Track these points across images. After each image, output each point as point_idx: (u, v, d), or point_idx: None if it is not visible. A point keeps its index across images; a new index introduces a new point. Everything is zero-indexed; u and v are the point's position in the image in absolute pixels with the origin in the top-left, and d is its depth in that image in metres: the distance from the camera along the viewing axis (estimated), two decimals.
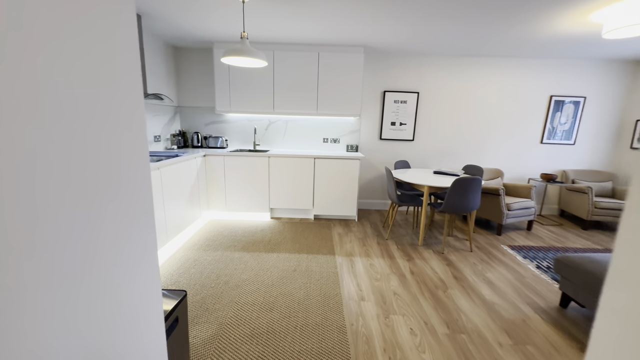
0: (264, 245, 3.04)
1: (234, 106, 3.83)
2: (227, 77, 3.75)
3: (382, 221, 3.95)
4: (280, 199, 3.79)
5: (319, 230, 3.50)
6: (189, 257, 2.75)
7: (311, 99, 3.79)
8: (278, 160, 3.67)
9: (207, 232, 3.35)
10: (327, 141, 4.22)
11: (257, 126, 4.19)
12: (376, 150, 4.30)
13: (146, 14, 2.79)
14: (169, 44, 3.78)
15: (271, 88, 3.77)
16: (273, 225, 3.62)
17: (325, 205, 3.82)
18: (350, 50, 3.67)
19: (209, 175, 3.71)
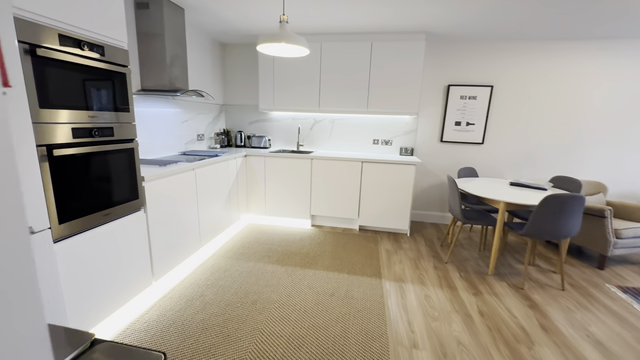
0: (301, 259, 2.71)
1: (277, 104, 3.59)
2: (272, 73, 3.51)
3: (439, 238, 3.35)
4: (323, 205, 3.44)
5: (363, 245, 3.07)
6: (220, 265, 2.55)
7: (361, 95, 3.37)
8: (322, 162, 3.33)
9: (243, 238, 3.15)
10: (377, 143, 3.75)
11: (302, 125, 3.90)
12: (435, 154, 3.70)
13: (190, 7, 2.66)
14: (215, 41, 3.69)
15: (317, 84, 3.44)
16: (313, 235, 3.29)
17: (373, 215, 3.36)
18: (409, 37, 3.15)
19: (249, 176, 3.52)
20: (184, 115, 3.21)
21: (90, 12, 1.53)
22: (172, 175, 2.23)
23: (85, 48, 1.50)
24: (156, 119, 2.80)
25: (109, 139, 1.68)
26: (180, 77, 2.70)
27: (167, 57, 2.51)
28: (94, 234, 1.62)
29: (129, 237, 1.86)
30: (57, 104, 1.39)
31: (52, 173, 1.38)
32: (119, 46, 1.72)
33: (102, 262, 1.68)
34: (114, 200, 1.73)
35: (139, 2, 2.45)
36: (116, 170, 1.74)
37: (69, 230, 1.48)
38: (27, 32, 1.25)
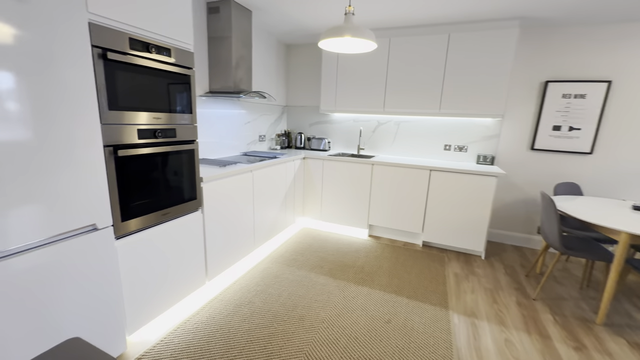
0: (355, 273, 2.49)
1: (339, 105, 3.42)
2: (335, 72, 3.36)
3: (524, 266, 2.78)
4: (382, 215, 3.15)
5: (427, 264, 2.70)
6: (271, 271, 2.48)
7: (433, 95, 2.99)
8: (383, 168, 3.05)
9: (297, 243, 3.06)
10: (449, 149, 3.30)
11: (364, 128, 3.67)
12: (523, 164, 3.09)
13: (258, 8, 2.66)
14: (281, 42, 3.69)
15: (383, 83, 3.17)
16: (369, 246, 3.03)
17: (440, 231, 2.95)
18: (497, 25, 2.67)
19: (307, 179, 3.43)
20: (248, 117, 3.26)
21: (159, 15, 1.56)
22: (230, 177, 2.22)
23: (153, 51, 1.53)
24: (222, 120, 2.88)
25: (171, 140, 1.71)
26: (244, 79, 2.73)
27: (233, 59, 2.54)
28: (153, 232, 1.66)
29: (186, 237, 1.89)
30: (124, 105, 1.43)
31: (117, 172, 1.43)
32: (185, 48, 1.74)
33: (159, 260, 1.72)
34: (173, 200, 1.76)
35: (210, 7, 2.53)
36: (176, 171, 1.77)
37: (129, 228, 1.53)
38: (101, 37, 1.30)
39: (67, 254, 1.25)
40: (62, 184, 1.21)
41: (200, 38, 2.52)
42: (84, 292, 1.34)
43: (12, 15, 1.01)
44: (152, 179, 1.62)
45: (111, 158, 1.40)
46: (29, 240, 1.13)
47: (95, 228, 1.35)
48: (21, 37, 1.03)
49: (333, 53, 3.32)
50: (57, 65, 1.14)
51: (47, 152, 1.15)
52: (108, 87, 1.35)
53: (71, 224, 1.26)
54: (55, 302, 1.23)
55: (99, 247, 1.37)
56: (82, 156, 1.27)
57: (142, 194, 1.57)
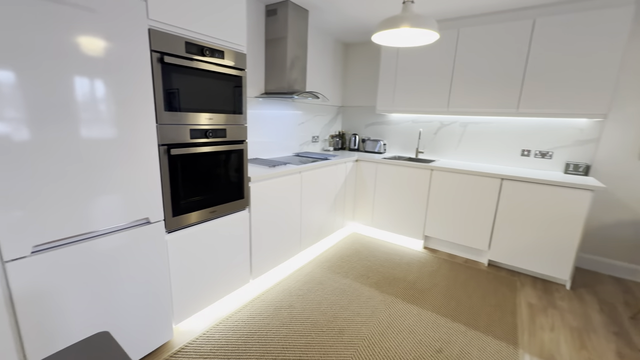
0: (405, 288, 2.27)
1: (397, 104, 3.19)
2: (394, 70, 3.14)
3: (628, 304, 2.20)
4: (441, 226, 2.84)
5: (493, 288, 2.32)
6: (316, 276, 2.41)
7: (510, 92, 2.57)
8: (444, 174, 2.74)
9: (345, 248, 2.94)
10: (527, 154, 2.82)
11: (424, 129, 3.36)
12: (632, 177, 2.46)
13: (315, 7, 2.62)
14: (338, 41, 3.61)
15: (448, 80, 2.85)
16: (424, 260, 2.75)
17: (511, 249, 2.53)
18: (603, 3, 2.16)
19: (359, 182, 3.28)
20: (302, 117, 3.26)
21: (214, 19, 1.60)
22: (278, 177, 2.22)
23: (207, 53, 1.57)
24: (276, 121, 2.92)
25: (221, 140, 1.76)
26: (299, 79, 2.72)
27: (287, 59, 2.54)
28: (201, 228, 1.72)
29: (232, 235, 1.93)
30: (179, 107, 1.50)
31: (170, 170, 1.51)
32: (238, 50, 1.77)
33: (206, 255, 1.78)
34: (221, 198, 1.81)
35: (269, 10, 2.57)
36: (225, 170, 1.81)
37: (180, 224, 1.60)
38: (159, 42, 1.37)
39: (125, 243, 1.35)
40: (121, 180, 1.31)
41: (258, 41, 2.58)
42: (138, 280, 1.43)
43: (88, 25, 1.11)
44: (201, 177, 1.68)
45: (165, 156, 1.47)
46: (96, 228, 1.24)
47: (148, 221, 1.44)
48: (98, 46, 1.13)
49: (393, 49, 3.11)
50: (123, 70, 1.23)
51: (111, 150, 1.25)
52: (165, 89, 1.42)
53: (128, 217, 1.35)
54: (113, 285, 1.34)
55: (151, 239, 1.46)
56: (140, 154, 1.36)
57: (192, 192, 1.64)
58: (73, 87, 1.11)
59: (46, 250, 1.12)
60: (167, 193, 1.51)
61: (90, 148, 1.19)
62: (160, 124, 1.43)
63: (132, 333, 1.45)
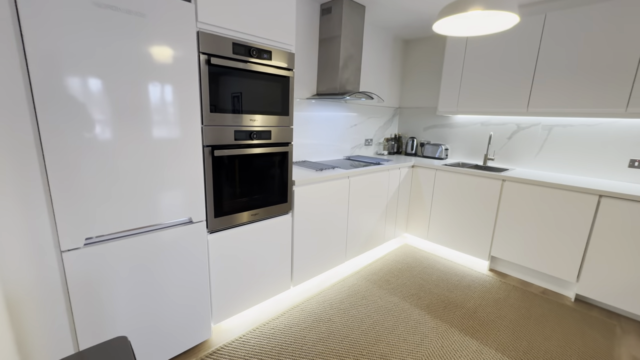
0: (462, 317, 1.96)
1: (463, 105, 2.83)
2: (460, 66, 2.80)
3: None
4: (511, 246, 2.41)
5: (581, 331, 1.86)
6: (360, 289, 2.24)
7: (615, 88, 2.05)
8: (519, 187, 2.32)
9: (395, 261, 2.70)
10: (637, 166, 2.22)
11: (495, 133, 2.93)
12: None
13: (373, 2, 2.46)
14: (398, 38, 3.37)
15: (529, 76, 2.41)
16: (488, 284, 2.37)
17: (608, 284, 2.01)
18: None
19: (414, 190, 3.00)
20: (355, 119, 3.11)
21: (262, 19, 1.57)
22: (325, 182, 2.11)
23: (254, 54, 1.55)
24: (327, 123, 2.83)
25: (266, 142, 1.72)
26: (351, 79, 2.58)
27: (340, 59, 2.43)
28: (242, 230, 1.71)
29: (274, 239, 1.88)
30: (224, 108, 1.50)
31: (213, 171, 1.51)
32: (286, 49, 1.71)
33: (246, 258, 1.76)
34: (264, 201, 1.78)
35: (324, 9, 2.50)
36: (269, 173, 1.77)
37: (221, 225, 1.61)
38: (207, 43, 1.38)
39: (168, 241, 1.39)
40: (167, 180, 1.34)
41: (311, 41, 2.53)
42: (180, 277, 1.46)
43: (138, 30, 1.15)
44: (244, 179, 1.66)
45: (209, 157, 1.48)
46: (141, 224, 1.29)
47: (190, 221, 1.47)
48: (147, 50, 1.17)
49: (459, 42, 2.77)
50: (171, 72, 1.26)
51: (158, 151, 1.28)
52: (211, 91, 1.43)
53: (172, 215, 1.39)
54: (157, 280, 1.38)
55: (193, 238, 1.48)
56: (185, 155, 1.38)
57: (235, 194, 1.63)
58: (124, 91, 1.16)
59: (97, 243, 1.19)
60: (210, 194, 1.52)
61: (138, 149, 1.23)
62: (205, 125, 1.44)
63: (173, 327, 1.49)
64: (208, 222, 1.54)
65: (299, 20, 2.40)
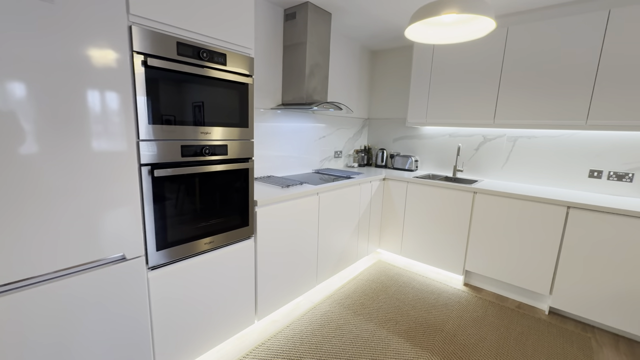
0: (443, 342, 1.82)
1: (431, 116, 2.80)
2: (428, 76, 2.77)
3: None
4: (485, 260, 2.36)
5: (560, 348, 1.81)
6: (333, 317, 2.03)
7: (576, 100, 2.10)
8: (490, 199, 2.28)
9: (370, 280, 2.54)
10: (598, 176, 2.29)
11: (463, 144, 2.92)
12: None
13: (338, 9, 2.35)
14: (366, 48, 3.31)
15: (494, 88, 2.42)
16: (465, 301, 2.28)
17: (581, 297, 1.99)
18: None
19: (386, 204, 2.89)
20: (323, 131, 2.96)
21: (214, 16, 1.36)
22: (292, 200, 1.91)
23: (204, 57, 1.33)
24: (294, 135, 2.65)
25: (222, 158, 1.49)
26: (318, 89, 2.43)
27: (306, 67, 2.28)
28: (194, 263, 1.44)
29: (233, 268, 1.63)
30: (169, 119, 1.25)
31: (154, 195, 1.24)
32: (244, 53, 1.51)
33: (200, 293, 1.49)
34: (220, 226, 1.53)
35: (287, 14, 2.34)
36: (226, 193, 1.53)
37: (166, 258, 1.33)
38: (143, 42, 1.14)
39: (86, 288, 1.09)
40: (90, 209, 1.06)
41: (275, 47, 2.35)
42: (107, 331, 1.16)
43: (39, 18, 0.89)
44: (195, 202, 1.40)
45: (148, 178, 1.22)
46: (41, 271, 0.99)
47: (123, 258, 1.18)
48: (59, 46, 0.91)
49: (426, 53, 2.75)
50: (92, 73, 1.00)
51: (68, 170, 1.00)
52: (150, 99, 1.18)
53: (92, 254, 1.10)
54: (73, 338, 1.07)
55: (127, 279, 1.19)
56: (114, 176, 1.11)
57: (183, 220, 1.37)
58: (18, 93, 0.88)
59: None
60: (151, 222, 1.25)
61: (44, 171, 0.95)
62: (142, 140, 1.18)
63: None
64: (148, 257, 1.26)
65: (261, 24, 2.22)
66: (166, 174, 1.26)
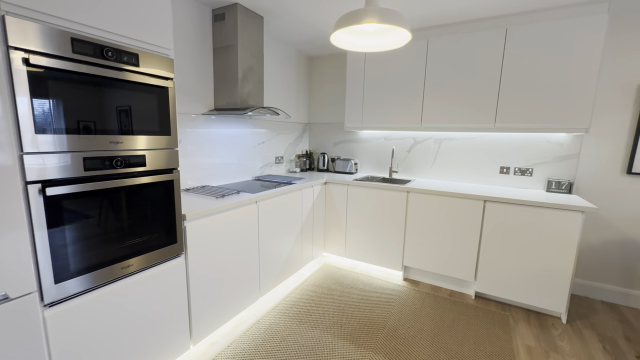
0: (385, 339, 1.88)
1: (367, 121, 2.92)
2: (361, 83, 2.89)
3: (629, 338, 1.96)
4: (421, 255, 2.52)
5: (486, 329, 2.00)
6: (278, 328, 1.96)
7: (485, 106, 2.38)
8: (421, 197, 2.45)
9: (315, 286, 2.52)
10: (507, 172, 2.62)
11: (397, 147, 3.11)
12: (617, 193, 2.31)
13: (270, 12, 2.31)
14: (302, 54, 3.33)
15: (420, 94, 2.62)
16: (405, 295, 2.40)
17: (500, 280, 2.25)
18: (575, 12, 2.04)
19: (329, 207, 2.92)
20: (262, 137, 2.88)
21: (123, 11, 1.21)
22: (228, 211, 1.80)
23: (110, 55, 1.17)
24: (230, 141, 2.52)
25: (139, 170, 1.33)
26: (253, 93, 2.36)
27: (239, 70, 2.19)
28: (107, 291, 1.25)
29: (161, 292, 1.46)
30: (67, 127, 1.07)
31: (50, 217, 1.05)
32: (160, 54, 1.38)
33: (117, 327, 1.30)
34: (141, 247, 1.36)
35: (216, 15, 2.22)
36: (146, 209, 1.37)
37: (68, 291, 1.13)
38: (24, 36, 0.95)
39: None
40: None
41: (204, 49, 2.21)
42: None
43: None
44: (107, 222, 1.22)
45: (38, 198, 1.02)
46: None
47: (6, 297, 0.96)
48: None
49: (359, 60, 2.87)
50: None
51: None
52: (38, 103, 0.99)
53: None
54: None
55: (15, 321, 0.98)
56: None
57: (91, 244, 1.18)
58: None
59: None
60: (45, 250, 1.05)
61: None
62: (27, 153, 0.99)
63: None
64: (43, 293, 1.06)
65: (187, 24, 2.07)
66: (63, 192, 1.07)
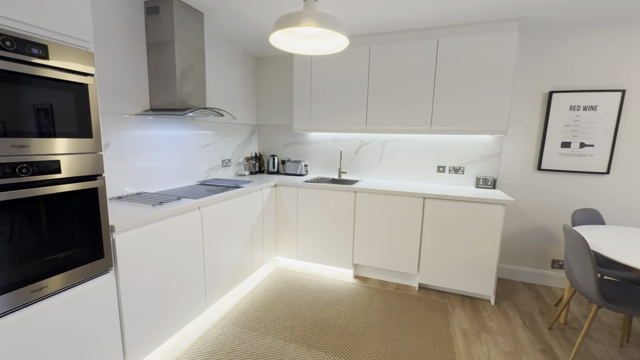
0: (336, 337, 1.92)
1: (315, 123, 2.95)
2: (309, 86, 2.91)
3: (543, 313, 2.27)
4: (369, 252, 2.62)
5: (427, 317, 2.15)
6: (227, 340, 1.88)
7: (422, 110, 2.56)
8: (368, 197, 2.55)
9: (267, 291, 2.47)
10: (443, 170, 2.85)
11: (345, 148, 3.20)
12: (530, 187, 2.66)
13: (209, 9, 2.21)
14: (248, 54, 3.25)
15: (364, 97, 2.73)
16: (355, 293, 2.47)
17: (439, 271, 2.44)
18: (493, 28, 2.30)
19: (279, 210, 2.88)
20: (207, 139, 2.74)
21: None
22: (166, 219, 1.66)
23: (8, 45, 1.00)
24: (171, 143, 2.35)
25: (51, 178, 1.16)
26: (194, 93, 2.23)
27: (177, 68, 2.05)
28: (14, 320, 1.07)
29: (85, 315, 1.29)
30: None
31: None
32: (77, 46, 1.23)
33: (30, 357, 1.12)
34: (59, 264, 1.19)
35: (149, 7, 2.06)
36: (64, 222, 1.20)
37: None
38: None
39: None
40: None
41: (136, 44, 2.03)
42: None
43: None
44: (11, 240, 1.05)
45: None
46: None
47: None
48: None
49: (305, 62, 2.89)
50: None
51: None
52: None
53: None
54: None
55: None
56: None
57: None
58: None
59: None
60: None
61: None
62: None
63: None
64: None
65: (115, 15, 1.88)
66: None
